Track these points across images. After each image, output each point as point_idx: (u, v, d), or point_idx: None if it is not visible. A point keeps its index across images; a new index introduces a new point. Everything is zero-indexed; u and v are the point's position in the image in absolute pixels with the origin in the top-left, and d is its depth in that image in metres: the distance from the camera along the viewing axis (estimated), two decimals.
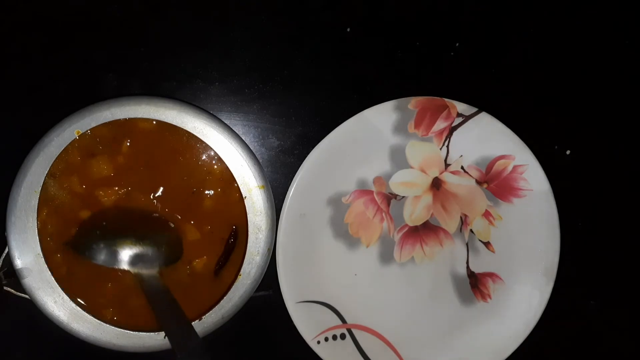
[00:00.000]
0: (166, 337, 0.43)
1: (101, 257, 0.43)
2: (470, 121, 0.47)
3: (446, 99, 0.46)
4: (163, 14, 0.47)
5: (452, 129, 0.47)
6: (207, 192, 0.46)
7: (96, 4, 0.47)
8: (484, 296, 0.49)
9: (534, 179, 0.47)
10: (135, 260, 0.44)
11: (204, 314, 0.46)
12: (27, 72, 0.47)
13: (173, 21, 0.47)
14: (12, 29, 0.47)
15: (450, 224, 0.48)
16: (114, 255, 0.43)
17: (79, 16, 0.47)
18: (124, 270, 0.44)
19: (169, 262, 0.45)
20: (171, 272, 0.46)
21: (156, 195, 0.45)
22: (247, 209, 0.45)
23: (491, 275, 0.49)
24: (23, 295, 0.45)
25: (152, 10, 0.47)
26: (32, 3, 0.46)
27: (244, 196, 0.45)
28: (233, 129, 0.46)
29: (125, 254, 0.44)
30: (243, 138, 0.46)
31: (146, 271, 0.44)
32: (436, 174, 0.48)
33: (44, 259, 0.44)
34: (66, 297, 0.45)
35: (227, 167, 0.45)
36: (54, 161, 0.44)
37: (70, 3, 0.47)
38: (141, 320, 0.46)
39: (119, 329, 0.45)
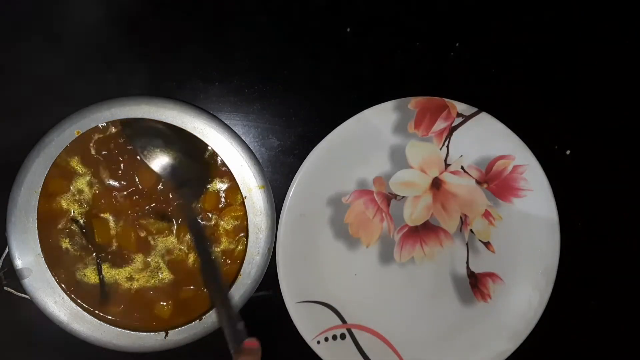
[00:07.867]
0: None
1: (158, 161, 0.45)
2: (470, 121, 0.47)
3: (446, 99, 0.46)
4: (163, 14, 0.47)
5: (452, 129, 0.47)
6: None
7: (96, 4, 0.47)
8: (484, 296, 0.49)
9: (534, 179, 0.47)
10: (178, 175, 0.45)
11: (204, 314, 0.46)
12: (27, 73, 0.47)
13: (173, 21, 0.47)
14: (12, 29, 0.47)
15: (450, 224, 0.48)
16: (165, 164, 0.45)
17: (79, 16, 0.47)
18: None
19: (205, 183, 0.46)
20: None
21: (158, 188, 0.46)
22: (247, 209, 0.45)
23: (491, 275, 0.49)
24: (23, 295, 0.45)
25: (152, 10, 0.47)
26: (32, 3, 0.46)
27: (244, 196, 0.45)
28: (233, 129, 0.46)
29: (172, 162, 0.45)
30: (243, 138, 0.46)
31: (189, 200, 0.46)
32: (436, 174, 0.48)
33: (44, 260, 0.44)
34: (66, 297, 0.45)
35: (227, 167, 0.45)
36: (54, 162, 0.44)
37: (70, 3, 0.47)
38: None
39: (119, 329, 0.45)
